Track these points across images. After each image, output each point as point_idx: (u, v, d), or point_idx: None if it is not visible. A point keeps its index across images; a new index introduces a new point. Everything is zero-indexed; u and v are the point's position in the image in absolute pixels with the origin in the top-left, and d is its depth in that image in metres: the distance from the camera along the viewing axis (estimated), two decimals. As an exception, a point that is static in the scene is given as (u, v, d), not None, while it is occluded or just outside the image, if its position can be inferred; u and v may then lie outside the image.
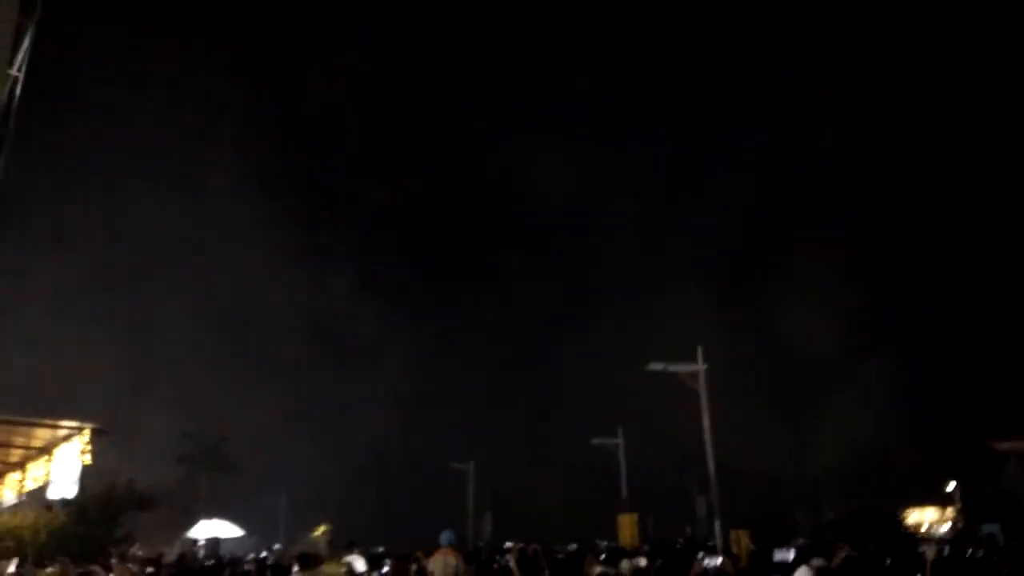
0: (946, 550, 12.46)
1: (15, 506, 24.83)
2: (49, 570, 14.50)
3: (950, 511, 42.83)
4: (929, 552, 11.76)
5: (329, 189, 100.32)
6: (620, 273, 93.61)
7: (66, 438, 20.57)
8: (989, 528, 21.61)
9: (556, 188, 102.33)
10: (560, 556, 14.19)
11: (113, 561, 9.12)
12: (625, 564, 10.78)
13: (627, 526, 26.12)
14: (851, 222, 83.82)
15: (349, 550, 12.59)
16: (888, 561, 10.20)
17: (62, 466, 20.71)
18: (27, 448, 22.70)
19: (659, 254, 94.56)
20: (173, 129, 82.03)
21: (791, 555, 8.31)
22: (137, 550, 21.03)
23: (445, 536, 10.92)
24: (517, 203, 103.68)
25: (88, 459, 20.08)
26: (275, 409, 75.21)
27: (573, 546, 23.38)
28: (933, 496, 45.62)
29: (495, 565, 11.49)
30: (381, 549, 21.03)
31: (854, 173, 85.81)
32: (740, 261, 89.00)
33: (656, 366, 22.73)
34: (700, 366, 22.12)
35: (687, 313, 76.12)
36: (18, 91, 13.26)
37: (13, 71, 13.06)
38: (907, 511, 44.39)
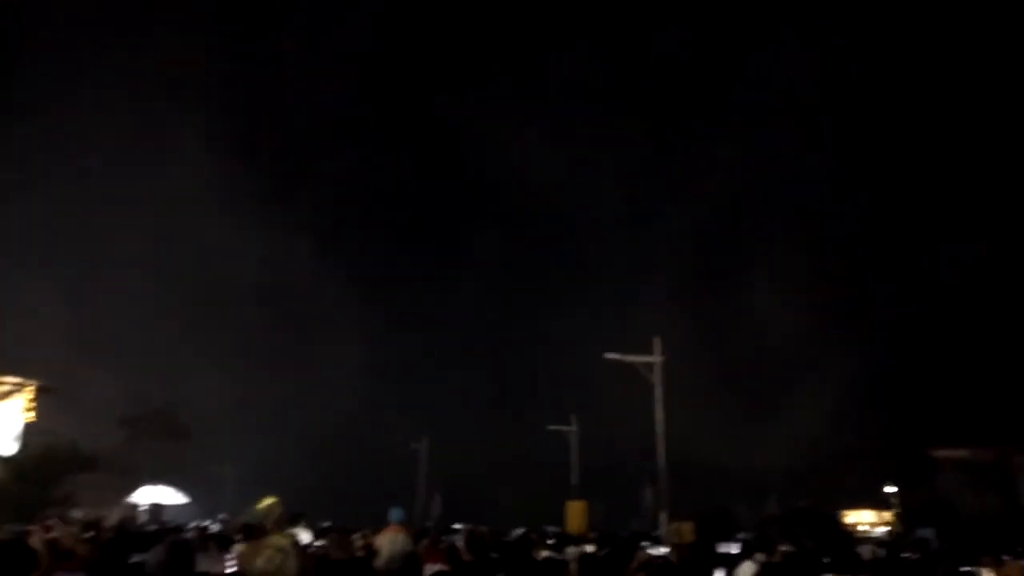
0: (881, 552, 12.80)
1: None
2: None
3: (887, 514, 44.05)
4: (865, 552, 12.08)
5: (296, 157, 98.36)
6: (592, 255, 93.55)
7: (8, 394, 20.03)
8: (923, 532, 22.26)
9: (531, 167, 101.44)
10: (508, 540, 14.23)
11: (52, 522, 8.89)
12: (571, 550, 10.85)
13: (576, 513, 26.35)
14: (823, 218, 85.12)
15: (294, 523, 12.45)
16: (826, 560, 10.43)
17: (2, 422, 20.18)
18: (-34, 402, 22.04)
19: (631, 239, 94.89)
20: (137, 90, 79.74)
21: (735, 548, 8.41)
22: (77, 512, 20.58)
23: (394, 513, 10.86)
24: (490, 179, 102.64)
25: (32, 416, 19.61)
26: (229, 378, 74.17)
27: (520, 531, 23.52)
28: (872, 498, 46.87)
29: (442, 544, 11.48)
30: (328, 524, 20.87)
31: (827, 167, 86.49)
32: (710, 251, 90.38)
33: (613, 356, 22.88)
34: (656, 357, 22.31)
35: (653, 300, 76.73)
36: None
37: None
38: (846, 512, 45.65)
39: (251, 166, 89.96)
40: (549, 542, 13.60)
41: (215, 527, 18.64)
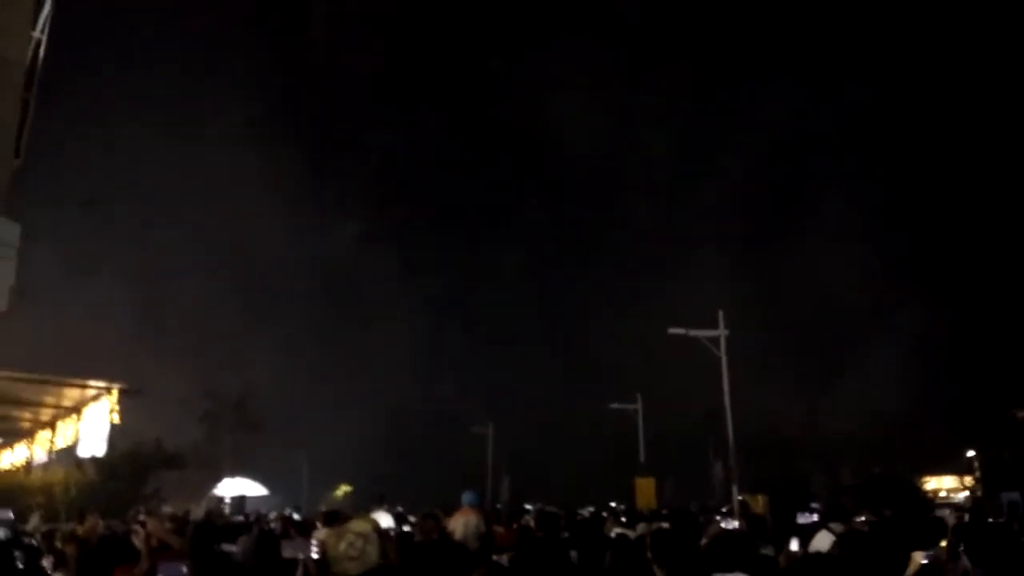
0: (966, 517, 12.46)
1: (46, 464, 25.48)
2: (82, 525, 14.92)
3: (968, 479, 42.76)
4: (949, 518, 11.78)
5: (339, 134, 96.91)
6: (644, 222, 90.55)
7: (95, 397, 20.99)
8: (1009, 496, 21.56)
9: (577, 130, 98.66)
10: (579, 518, 14.36)
11: (142, 518, 9.36)
12: (642, 526, 10.89)
13: (644, 490, 26.37)
14: (886, 170, 79.68)
15: (378, 505, 12.78)
16: (908, 527, 10.22)
17: (91, 425, 21.17)
18: (57, 407, 23.22)
19: (685, 202, 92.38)
20: (174, 75, 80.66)
21: (814, 518, 8.30)
22: (165, 507, 21.53)
23: (467, 496, 11.04)
24: (536, 147, 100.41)
25: (116, 418, 20.51)
26: (293, 366, 75.90)
27: (590, 509, 23.63)
28: (952, 463, 45.50)
29: (515, 524, 11.66)
30: (400, 508, 21.34)
31: (892, 115, 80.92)
32: (766, 211, 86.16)
33: (677, 331, 22.68)
34: (722, 331, 22.03)
35: (711, 268, 75.00)
36: (41, 53, 13.28)
37: (36, 33, 13.08)
38: (926, 477, 44.43)
39: (297, 149, 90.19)
40: (622, 519, 13.67)
41: (296, 516, 19.27)
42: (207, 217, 78.68)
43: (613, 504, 24.60)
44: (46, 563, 7.66)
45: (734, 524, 9.71)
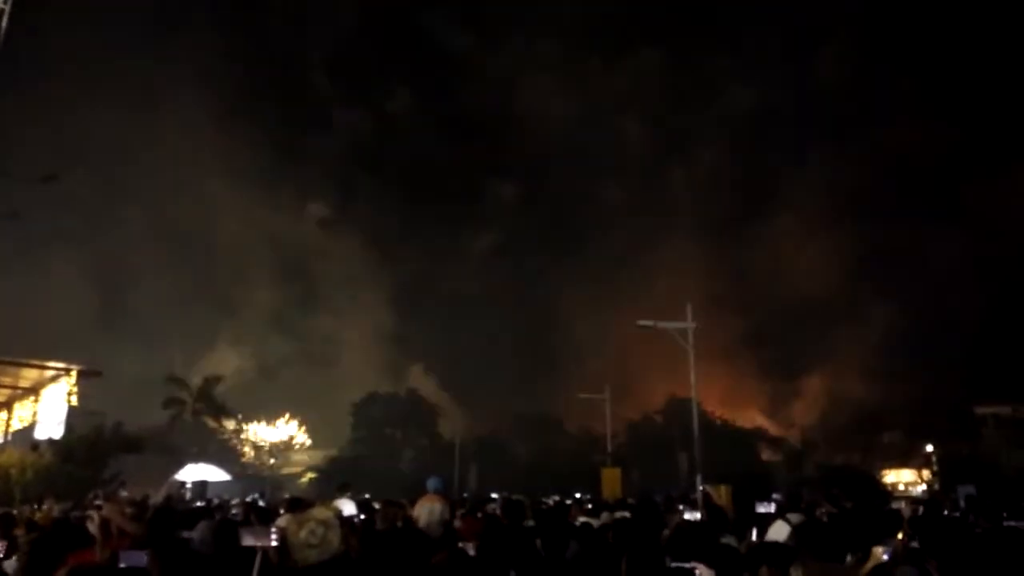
0: (920, 510, 12.71)
1: (1, 445, 24.96)
2: (40, 510, 14.64)
3: (926, 473, 43.72)
4: (905, 510, 11.99)
5: (303, 113, 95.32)
6: (616, 206, 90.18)
7: (53, 379, 20.58)
8: (965, 490, 22.04)
9: (548, 112, 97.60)
10: (545, 507, 14.39)
11: (99, 503, 9.16)
12: (605, 515, 10.94)
13: (610, 480, 26.49)
14: (859, 154, 78.80)
15: (342, 492, 12.69)
16: (865, 518, 10.40)
17: (49, 407, 20.76)
18: (14, 388, 22.74)
19: (657, 187, 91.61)
20: (134, 50, 78.28)
21: (772, 508, 8.41)
22: (123, 492, 21.21)
23: (432, 482, 11.01)
24: (506, 128, 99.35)
25: (75, 400, 20.14)
26: (255, 350, 75.08)
27: (555, 498, 23.74)
28: (911, 457, 46.47)
29: (480, 513, 11.64)
30: (367, 496, 21.26)
31: (864, 95, 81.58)
32: (735, 198, 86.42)
33: (646, 323, 22.79)
34: (689, 324, 22.16)
35: (680, 254, 75.30)
36: (4, 23, 12.92)
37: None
38: (885, 471, 45.39)
39: (261, 128, 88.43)
40: (587, 507, 13.72)
41: (261, 502, 19.09)
42: (169, 198, 77.31)
43: (578, 495, 24.71)
44: (-2, 548, 7.45)
45: (696, 515, 9.80)
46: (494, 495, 22.32)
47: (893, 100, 76.60)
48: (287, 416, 59.56)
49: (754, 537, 7.74)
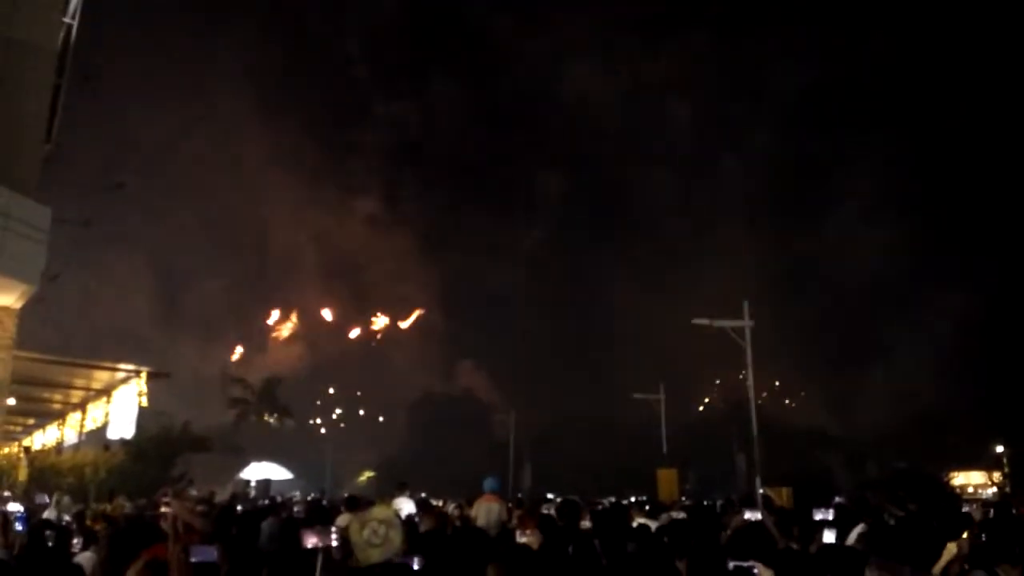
0: (991, 512, 12.26)
1: (76, 445, 25.99)
2: (112, 505, 15.22)
3: (997, 475, 42.13)
4: (976, 513, 11.59)
5: (351, 111, 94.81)
6: (665, 196, 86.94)
7: (124, 380, 21.29)
8: (1038, 492, 21.18)
9: (595, 97, 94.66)
10: (602, 508, 14.36)
11: (167, 499, 9.50)
12: (664, 517, 10.86)
13: (667, 481, 26.21)
14: (923, 139, 72.98)
15: (400, 491, 12.87)
16: (934, 522, 10.08)
17: (120, 407, 21.49)
18: (87, 390, 23.58)
19: (707, 175, 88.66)
20: (181, 51, 79.75)
21: (831, 515, 8.20)
22: (191, 489, 21.88)
23: (488, 483, 11.10)
24: (552, 116, 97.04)
25: (145, 401, 20.82)
26: (315, 351, 76.20)
27: (611, 499, 23.61)
28: (980, 458, 44.80)
29: (536, 513, 11.67)
30: (423, 495, 21.51)
31: (926, 81, 75.15)
32: (792, 188, 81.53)
33: (701, 321, 22.45)
34: (747, 322, 21.75)
35: (734, 248, 72.85)
36: (72, 38, 13.41)
37: (66, 19, 13.21)
38: (953, 473, 43.77)
39: (303, 126, 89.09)
40: (646, 509, 13.64)
41: (323, 501, 19.48)
42: (226, 199, 78.40)
43: (633, 499, 24.53)
44: (76, 542, 7.81)
45: (757, 515, 9.64)
46: (550, 495, 22.33)
47: (956, 79, 71.74)
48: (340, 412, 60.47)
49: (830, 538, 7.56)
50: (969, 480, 44.30)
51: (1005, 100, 65.79)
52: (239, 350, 72.42)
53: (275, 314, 77.78)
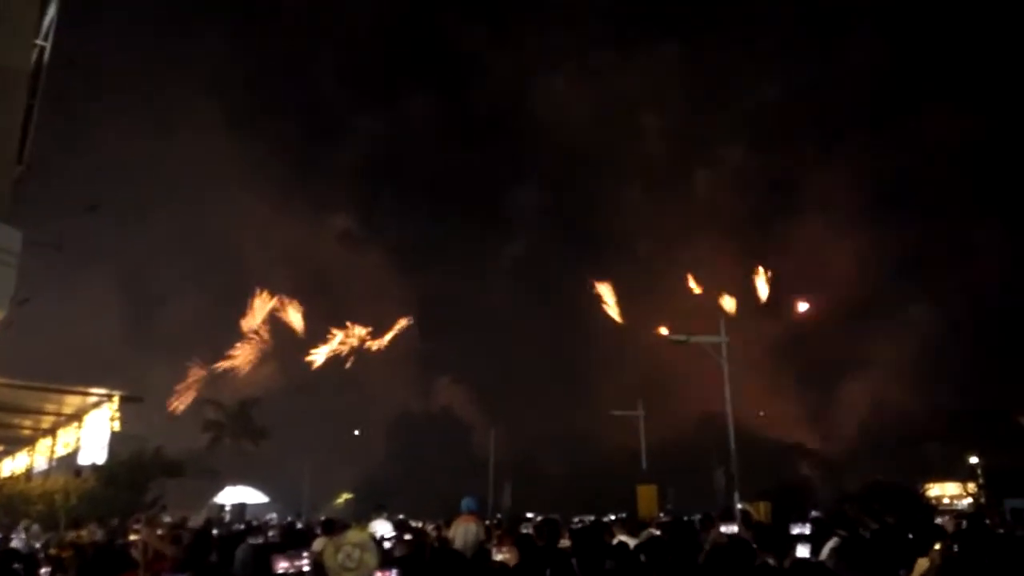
0: (964, 523, 12.40)
1: (46, 471, 25.50)
2: (82, 532, 14.93)
3: (971, 486, 42.59)
4: (948, 524, 11.70)
5: (322, 126, 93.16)
6: (640, 210, 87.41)
7: (96, 405, 20.99)
8: (1013, 503, 21.45)
9: (567, 112, 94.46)
10: (581, 527, 14.32)
11: (138, 526, 9.30)
12: (645, 534, 10.87)
13: (646, 497, 26.25)
14: (896, 145, 72.69)
15: (378, 513, 12.77)
16: (909, 534, 10.17)
17: (92, 432, 21.17)
18: (58, 415, 23.23)
19: (681, 188, 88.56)
20: (147, 63, 78.40)
21: (807, 529, 8.24)
22: (164, 515, 21.54)
23: (466, 502, 11.03)
24: (526, 131, 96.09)
25: (117, 426, 20.53)
26: (292, 371, 75.30)
27: (590, 517, 23.54)
28: (955, 470, 45.30)
29: (514, 533, 11.62)
30: (401, 516, 21.31)
31: (898, 80, 74.49)
32: (764, 199, 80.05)
33: (678, 337, 22.64)
34: (723, 338, 21.97)
35: (709, 261, 73.25)
36: (45, 60, 13.30)
37: (39, 41, 13.11)
38: (928, 485, 44.21)
39: (273, 141, 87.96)
40: (628, 526, 13.61)
41: (299, 524, 19.24)
42: (195, 218, 76.82)
43: (612, 516, 24.51)
44: (43, 572, 7.64)
45: (734, 528, 9.67)
46: (529, 515, 22.24)
47: (930, 86, 72.00)
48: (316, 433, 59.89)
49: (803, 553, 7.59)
50: (944, 491, 44.73)
51: (978, 111, 66.79)
52: (213, 371, 71.49)
53: (249, 334, 76.83)
